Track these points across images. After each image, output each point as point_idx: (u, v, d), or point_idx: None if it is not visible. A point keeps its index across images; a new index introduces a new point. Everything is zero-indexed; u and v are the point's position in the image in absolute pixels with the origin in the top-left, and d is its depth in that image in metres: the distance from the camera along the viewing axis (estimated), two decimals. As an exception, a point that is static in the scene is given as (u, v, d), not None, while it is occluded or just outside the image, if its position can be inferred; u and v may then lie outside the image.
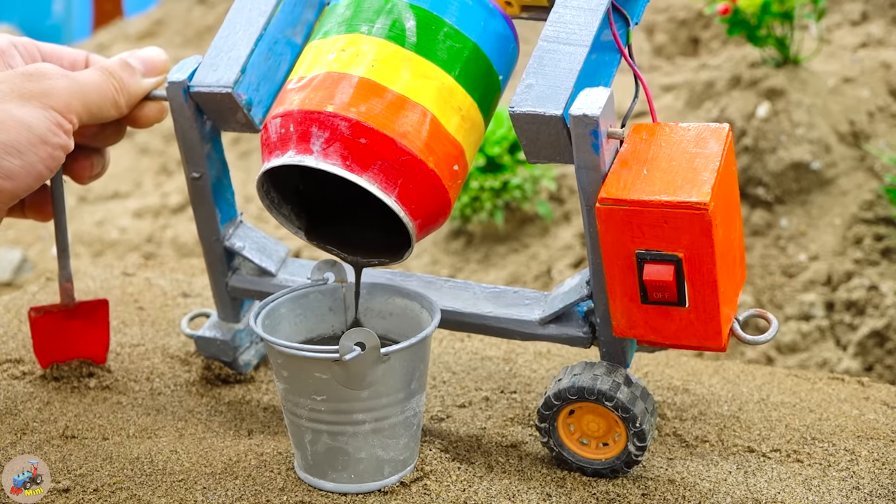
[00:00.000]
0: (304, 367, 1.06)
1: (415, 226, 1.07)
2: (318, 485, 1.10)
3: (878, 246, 2.31)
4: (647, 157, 1.06)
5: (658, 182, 1.04)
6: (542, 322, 1.15)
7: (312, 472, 1.10)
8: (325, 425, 1.07)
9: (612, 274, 1.07)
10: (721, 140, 1.07)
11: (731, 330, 1.09)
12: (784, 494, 1.12)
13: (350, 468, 1.09)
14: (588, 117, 1.03)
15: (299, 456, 1.11)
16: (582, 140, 1.04)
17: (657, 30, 3.57)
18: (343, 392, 1.06)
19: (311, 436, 1.09)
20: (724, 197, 1.05)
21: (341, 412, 1.07)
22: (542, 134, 1.06)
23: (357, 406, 1.06)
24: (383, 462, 1.09)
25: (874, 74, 2.63)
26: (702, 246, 1.03)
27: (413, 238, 1.07)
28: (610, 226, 1.04)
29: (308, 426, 1.08)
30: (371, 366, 1.04)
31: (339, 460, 1.09)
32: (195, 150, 1.20)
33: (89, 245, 3.27)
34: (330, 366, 1.05)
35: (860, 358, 2.15)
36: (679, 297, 1.05)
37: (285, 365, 1.07)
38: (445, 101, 1.08)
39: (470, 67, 1.11)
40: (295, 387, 1.07)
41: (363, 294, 1.18)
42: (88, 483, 1.12)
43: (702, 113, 2.61)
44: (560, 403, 1.12)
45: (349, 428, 1.07)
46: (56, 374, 1.31)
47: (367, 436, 1.08)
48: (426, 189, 1.07)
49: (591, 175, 1.05)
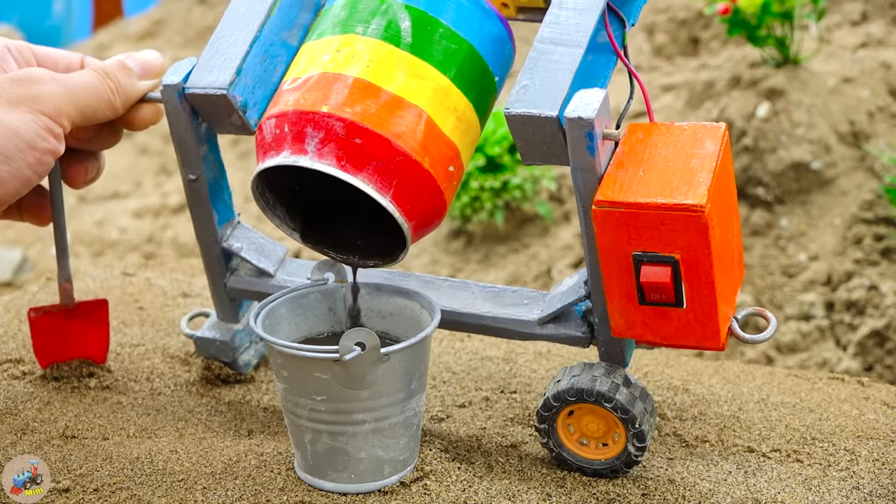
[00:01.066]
0: (304, 367, 1.06)
1: (410, 227, 1.07)
2: (317, 485, 1.10)
3: (878, 246, 2.31)
4: (644, 158, 1.06)
5: (654, 184, 1.04)
6: (540, 322, 1.15)
7: (312, 472, 1.10)
8: (325, 425, 1.07)
9: (609, 275, 1.07)
10: (717, 139, 1.07)
11: (729, 329, 1.09)
12: (784, 494, 1.12)
13: (350, 468, 1.09)
14: (583, 119, 1.02)
15: (299, 456, 1.11)
16: (577, 142, 1.04)
17: (657, 30, 3.57)
18: (343, 392, 1.06)
19: (311, 436, 1.09)
20: (720, 197, 1.05)
21: (341, 412, 1.07)
22: (538, 135, 1.06)
23: (357, 406, 1.06)
24: (383, 462, 1.09)
25: (874, 74, 2.63)
26: (698, 247, 1.02)
27: (408, 239, 1.07)
28: (606, 228, 1.04)
29: (308, 426, 1.08)
30: (371, 366, 1.04)
31: (339, 460, 1.09)
32: (191, 153, 1.20)
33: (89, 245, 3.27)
34: (330, 366, 1.05)
35: (860, 358, 2.15)
36: (677, 298, 1.05)
37: (285, 365, 1.07)
38: (441, 101, 1.08)
39: (465, 69, 1.11)
40: (295, 387, 1.07)
41: (363, 294, 1.18)
42: (88, 483, 1.12)
43: (702, 113, 2.61)
44: (559, 405, 1.12)
45: (349, 428, 1.07)
46: (56, 374, 1.31)
47: (367, 436, 1.08)
48: (421, 190, 1.07)
49: (587, 177, 1.05)
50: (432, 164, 1.07)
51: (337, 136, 1.04)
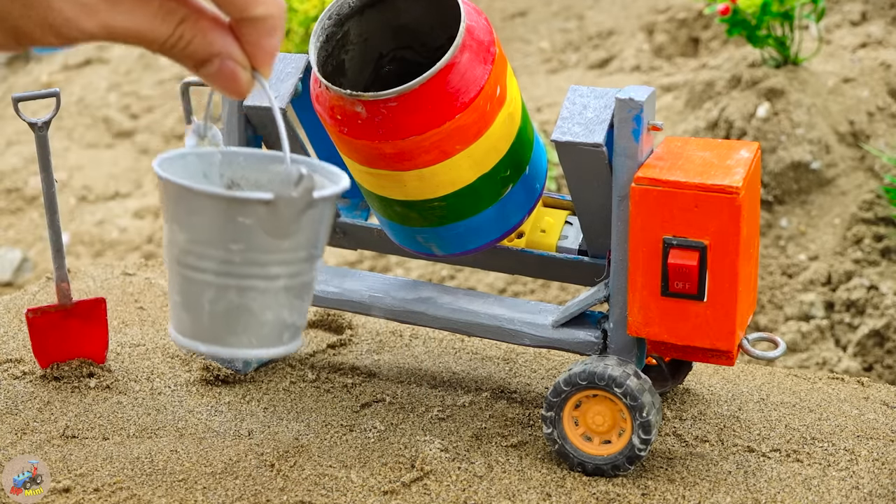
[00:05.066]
0: (227, 210, 0.98)
1: None
2: (211, 351, 0.99)
3: (878, 246, 2.31)
4: (682, 157, 1.11)
5: (692, 171, 1.08)
6: (555, 324, 1.17)
7: (204, 336, 1.00)
8: (235, 279, 0.99)
9: (635, 262, 1.09)
10: (752, 150, 1.12)
11: (739, 345, 1.11)
12: (784, 494, 1.12)
13: (251, 330, 0.99)
14: (633, 101, 1.07)
15: (189, 319, 0.99)
16: (624, 125, 1.08)
17: (657, 30, 3.57)
18: (265, 241, 0.98)
19: (213, 293, 0.99)
20: (750, 204, 1.09)
21: (256, 264, 0.99)
22: None
23: (274, 258, 0.98)
24: (284, 326, 1.01)
25: (874, 74, 2.63)
26: (728, 233, 1.05)
27: None
28: (642, 208, 1.07)
29: (213, 281, 0.99)
30: (301, 212, 0.98)
31: (241, 321, 0.99)
32: (237, 133, 1.26)
33: (89, 245, 3.27)
34: (256, 209, 0.97)
35: (860, 358, 2.15)
36: (699, 289, 1.07)
37: (197, 209, 0.99)
38: None
39: None
40: (204, 235, 0.97)
41: (240, 162, 1.11)
42: (88, 483, 1.12)
43: (702, 113, 2.61)
44: (569, 389, 1.12)
45: (261, 283, 0.99)
46: (56, 374, 1.31)
47: (277, 294, 0.99)
48: None
49: (628, 163, 1.09)
50: None
51: None
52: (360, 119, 1.07)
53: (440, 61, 1.05)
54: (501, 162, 1.13)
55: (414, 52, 1.20)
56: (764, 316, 2.35)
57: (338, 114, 1.08)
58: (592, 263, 1.21)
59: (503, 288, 2.70)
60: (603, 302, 1.14)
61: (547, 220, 1.26)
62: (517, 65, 3.76)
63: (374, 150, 1.09)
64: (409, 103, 1.05)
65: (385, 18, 1.16)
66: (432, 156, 1.09)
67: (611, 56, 3.68)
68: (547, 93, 3.45)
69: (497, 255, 1.26)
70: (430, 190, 1.12)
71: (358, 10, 1.14)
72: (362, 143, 1.09)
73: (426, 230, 1.18)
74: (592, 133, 1.10)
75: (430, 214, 1.15)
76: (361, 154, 1.10)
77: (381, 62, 1.19)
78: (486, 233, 1.18)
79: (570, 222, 1.26)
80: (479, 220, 1.16)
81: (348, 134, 1.08)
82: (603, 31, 3.81)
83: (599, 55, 3.71)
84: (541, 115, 3.25)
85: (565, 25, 3.90)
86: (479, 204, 1.15)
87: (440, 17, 1.15)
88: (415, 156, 1.09)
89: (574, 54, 3.76)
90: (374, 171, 1.12)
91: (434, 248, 1.20)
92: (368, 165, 1.12)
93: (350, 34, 1.15)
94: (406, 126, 1.06)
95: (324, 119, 1.11)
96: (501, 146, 1.12)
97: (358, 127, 1.08)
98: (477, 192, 1.13)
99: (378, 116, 1.06)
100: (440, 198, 1.13)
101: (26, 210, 3.60)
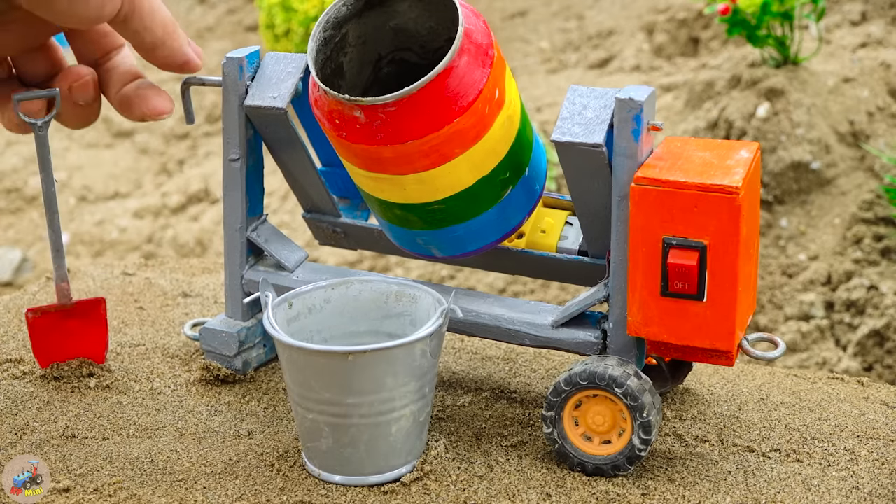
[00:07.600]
0: (400, 356, 1.08)
1: None
2: (360, 482, 1.11)
3: (878, 246, 2.31)
4: (682, 157, 1.11)
5: (692, 171, 1.08)
6: (555, 324, 1.16)
7: (349, 469, 1.11)
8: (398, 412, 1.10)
9: (635, 262, 1.09)
10: (751, 150, 1.11)
11: (739, 346, 1.11)
12: (784, 494, 1.12)
13: (387, 458, 1.10)
14: (633, 101, 1.07)
15: (341, 455, 1.11)
16: (624, 125, 1.08)
17: (657, 30, 3.57)
18: (423, 371, 1.09)
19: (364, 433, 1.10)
20: (749, 206, 1.09)
21: (413, 392, 1.10)
22: None
23: (407, 390, 1.10)
24: (408, 452, 1.12)
25: (874, 74, 2.63)
26: (728, 233, 1.05)
27: None
28: (642, 207, 1.07)
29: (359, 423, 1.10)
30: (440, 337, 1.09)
31: (381, 449, 1.10)
32: (237, 132, 1.25)
33: (89, 245, 3.27)
34: (425, 342, 1.08)
35: (860, 358, 2.15)
36: (698, 290, 1.07)
37: (386, 358, 1.08)
38: None
39: None
40: (371, 385, 1.08)
41: None
42: (88, 483, 1.12)
43: (702, 113, 2.62)
44: (570, 389, 1.12)
45: (395, 414, 1.10)
46: (56, 374, 1.31)
47: (407, 421, 1.10)
48: None
49: (628, 163, 1.09)
50: None
51: None
52: (358, 123, 1.07)
53: (438, 66, 1.05)
54: (501, 164, 1.13)
55: (413, 53, 1.20)
56: (764, 316, 2.35)
57: (336, 118, 1.08)
58: (592, 264, 1.21)
59: (503, 288, 2.70)
60: (602, 302, 1.14)
61: (547, 221, 1.26)
62: (517, 65, 3.76)
63: (373, 154, 1.09)
64: (407, 108, 1.06)
65: (383, 20, 1.16)
66: (431, 159, 1.09)
67: (611, 56, 3.68)
68: (547, 93, 3.45)
69: (497, 255, 1.26)
70: (429, 193, 1.12)
71: (356, 12, 1.14)
72: (361, 147, 1.09)
73: (426, 232, 1.18)
74: (592, 133, 1.10)
75: (429, 217, 1.15)
76: (360, 158, 1.11)
77: (380, 63, 1.19)
78: (486, 235, 1.18)
79: (571, 223, 1.26)
80: (479, 223, 1.16)
81: (347, 138, 1.09)
82: (603, 30, 3.81)
83: (599, 55, 3.71)
84: (541, 115, 3.25)
85: (565, 25, 3.91)
86: (479, 206, 1.15)
87: (439, 18, 1.15)
88: (414, 160, 1.09)
89: (574, 54, 3.77)
90: (374, 174, 1.12)
91: (434, 250, 1.20)
92: (368, 169, 1.12)
93: (349, 37, 1.15)
94: (405, 130, 1.06)
95: (322, 123, 1.11)
96: (500, 149, 1.12)
97: (357, 131, 1.08)
98: (477, 195, 1.13)
99: (377, 121, 1.07)
100: (440, 201, 1.13)
101: (26, 210, 3.60)
